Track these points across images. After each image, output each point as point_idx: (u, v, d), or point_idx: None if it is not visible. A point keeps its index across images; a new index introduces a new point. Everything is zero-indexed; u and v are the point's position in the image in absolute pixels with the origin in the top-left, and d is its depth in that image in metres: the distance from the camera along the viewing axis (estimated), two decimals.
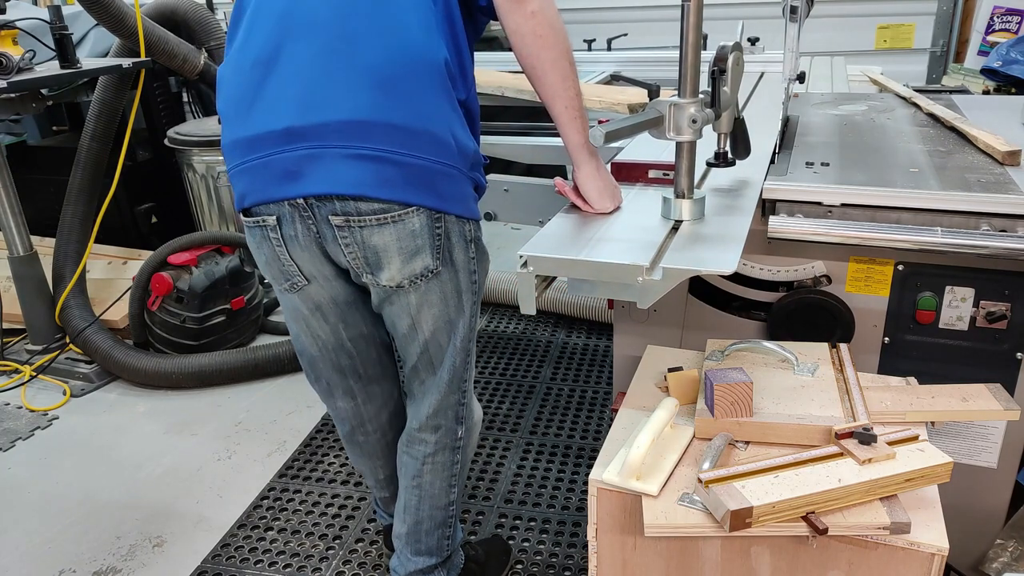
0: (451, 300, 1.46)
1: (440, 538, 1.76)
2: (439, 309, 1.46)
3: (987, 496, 1.71)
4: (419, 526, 1.73)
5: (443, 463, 1.67)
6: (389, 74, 1.24)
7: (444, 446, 1.65)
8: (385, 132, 1.24)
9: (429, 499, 1.71)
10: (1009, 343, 1.59)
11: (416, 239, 1.33)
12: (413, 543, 1.76)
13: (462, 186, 1.35)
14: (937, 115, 2.04)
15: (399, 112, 1.24)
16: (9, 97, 2.83)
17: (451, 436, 1.65)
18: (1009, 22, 3.82)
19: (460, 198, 1.35)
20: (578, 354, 3.15)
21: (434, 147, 1.27)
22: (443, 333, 1.50)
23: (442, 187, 1.31)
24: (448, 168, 1.30)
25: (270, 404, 2.92)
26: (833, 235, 1.51)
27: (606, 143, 1.30)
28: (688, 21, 1.30)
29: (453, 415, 1.63)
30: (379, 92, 1.24)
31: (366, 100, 1.24)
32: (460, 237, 1.40)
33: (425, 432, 1.64)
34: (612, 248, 1.31)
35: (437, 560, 1.78)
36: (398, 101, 1.24)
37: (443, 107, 1.29)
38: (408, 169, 1.25)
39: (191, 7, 3.48)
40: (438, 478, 1.69)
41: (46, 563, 2.18)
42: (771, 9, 4.27)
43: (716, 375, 1.34)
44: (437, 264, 1.39)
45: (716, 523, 1.18)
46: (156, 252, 3.10)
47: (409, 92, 1.24)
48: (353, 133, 1.23)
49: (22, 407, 2.95)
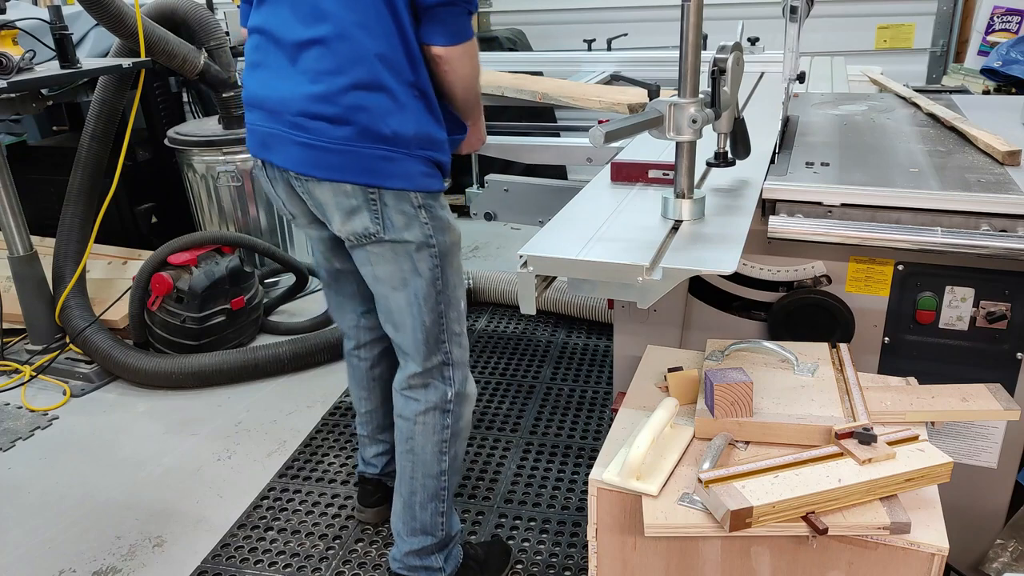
0: (404, 263, 1.64)
1: (433, 514, 1.83)
2: (392, 269, 1.65)
3: (987, 496, 1.71)
4: (413, 497, 1.82)
5: (433, 425, 1.78)
6: (325, 69, 1.48)
7: (434, 406, 1.77)
8: (322, 125, 1.50)
9: (422, 465, 1.80)
10: (1009, 343, 1.59)
11: (351, 199, 1.56)
12: (408, 520, 1.84)
13: (402, 164, 1.54)
14: (937, 115, 2.04)
15: (332, 107, 1.49)
16: (9, 97, 2.83)
17: (440, 397, 1.77)
18: (1009, 22, 3.82)
19: (398, 175, 1.55)
20: (578, 354, 3.15)
21: (367, 136, 1.50)
22: (400, 293, 1.68)
23: (376, 167, 1.53)
24: (384, 151, 1.52)
25: (270, 404, 2.92)
26: (833, 235, 1.51)
27: (606, 143, 1.30)
28: (688, 21, 1.30)
29: (440, 376, 1.76)
30: (317, 87, 1.49)
31: (306, 95, 1.50)
32: (401, 208, 1.58)
33: (416, 390, 1.78)
34: (612, 248, 1.31)
35: (432, 541, 1.84)
36: (332, 96, 1.48)
37: (378, 98, 1.49)
38: (340, 155, 1.51)
39: (191, 7, 3.48)
40: (428, 441, 1.79)
41: (46, 563, 2.18)
42: (771, 9, 4.28)
43: (716, 375, 1.34)
44: (379, 229, 1.59)
45: (716, 523, 1.18)
46: (156, 252, 3.10)
47: (344, 87, 1.48)
48: (296, 124, 1.52)
49: (22, 407, 2.95)
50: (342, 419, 2.79)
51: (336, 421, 2.78)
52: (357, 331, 2.02)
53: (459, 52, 1.54)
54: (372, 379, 2.06)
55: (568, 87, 2.52)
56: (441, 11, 1.48)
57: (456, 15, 1.50)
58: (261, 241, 3.45)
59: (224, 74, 3.53)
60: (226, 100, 3.60)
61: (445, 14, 1.49)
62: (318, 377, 3.09)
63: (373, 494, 2.22)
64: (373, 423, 2.12)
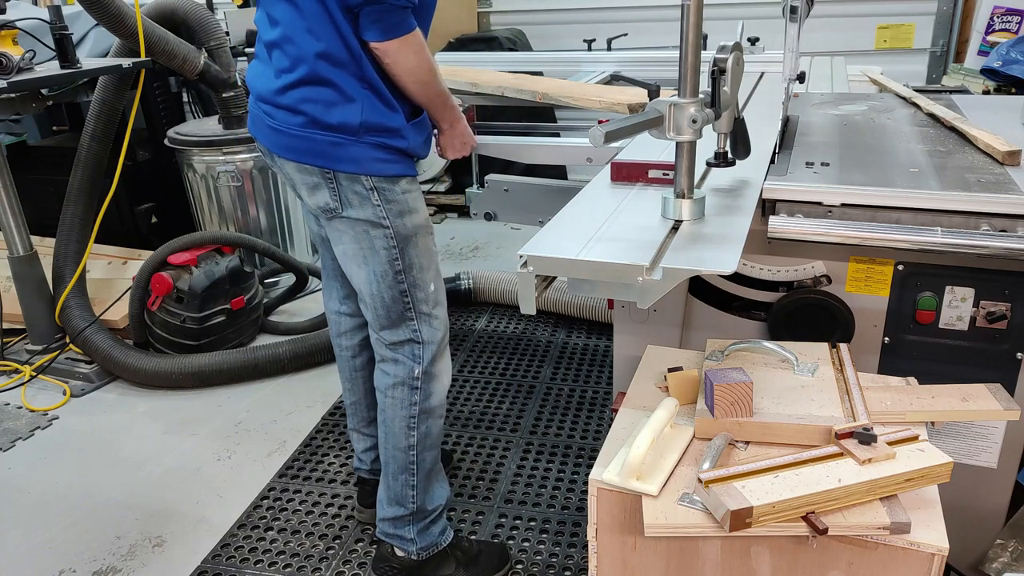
0: (362, 240, 1.75)
1: (404, 486, 1.91)
2: (353, 247, 1.77)
3: (987, 496, 1.71)
4: (387, 467, 1.93)
5: (401, 400, 1.86)
6: (282, 67, 1.65)
7: (401, 381, 1.86)
8: (283, 114, 1.68)
9: (392, 437, 1.89)
10: (1009, 343, 1.59)
11: (311, 176, 1.71)
12: (385, 488, 1.95)
13: (348, 150, 1.66)
14: (937, 115, 2.04)
15: (287, 99, 1.66)
16: (9, 97, 2.83)
17: (407, 373, 1.85)
18: (1009, 22, 3.82)
19: (347, 159, 1.67)
20: (578, 354, 3.15)
21: (317, 124, 1.65)
22: (360, 270, 1.79)
23: (327, 151, 1.67)
24: (333, 137, 1.65)
25: (270, 404, 2.92)
26: (833, 235, 1.51)
27: (606, 143, 1.30)
28: (688, 21, 1.30)
29: (409, 353, 1.84)
30: (279, 82, 1.66)
31: (272, 88, 1.67)
32: (355, 188, 1.70)
33: (385, 363, 1.87)
34: (612, 248, 1.31)
35: (404, 511, 1.93)
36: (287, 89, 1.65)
37: (324, 92, 1.63)
38: (299, 139, 1.67)
39: (191, 7, 3.48)
40: (397, 415, 1.87)
41: (46, 563, 2.18)
42: (771, 9, 4.28)
43: (716, 375, 1.34)
44: (337, 205, 1.72)
45: (716, 523, 1.18)
46: (156, 252, 3.10)
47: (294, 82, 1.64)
48: (268, 112, 1.70)
49: (22, 407, 2.95)
50: (342, 419, 2.79)
51: (336, 421, 2.78)
52: (339, 317, 2.09)
53: (396, 46, 1.61)
54: (354, 369, 2.11)
55: (568, 87, 2.52)
56: (368, 8, 1.57)
57: (384, 11, 1.57)
58: (261, 241, 3.45)
59: (224, 74, 3.53)
60: (226, 100, 3.60)
61: (373, 11, 1.57)
62: (318, 377, 3.09)
63: (372, 494, 2.22)
64: (358, 416, 2.16)
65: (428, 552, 1.95)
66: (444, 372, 1.90)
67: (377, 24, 1.59)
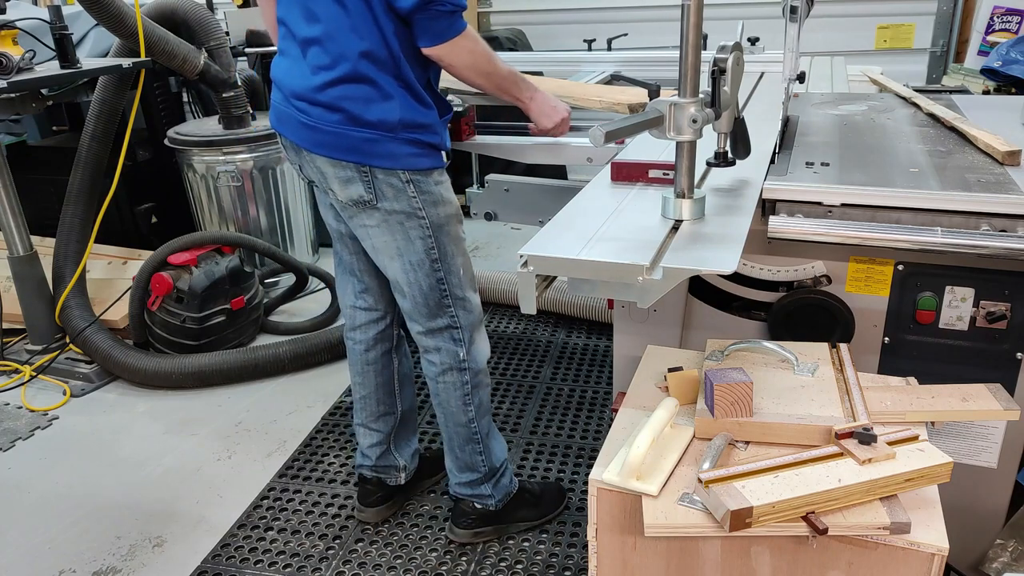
0: (397, 232, 1.80)
1: (472, 453, 2.05)
2: (387, 239, 1.81)
3: (987, 496, 1.71)
4: (452, 442, 2.06)
5: (453, 382, 1.97)
6: (321, 64, 1.67)
7: (449, 366, 1.95)
8: (319, 110, 1.70)
9: (451, 416, 2.01)
10: (1009, 343, 1.59)
11: (345, 170, 1.74)
12: (454, 459, 2.08)
13: (385, 146, 1.71)
14: (937, 115, 2.04)
15: (325, 96, 1.68)
16: (9, 97, 2.83)
17: (453, 357, 1.94)
18: (1009, 22, 3.82)
19: (384, 155, 1.71)
20: (578, 354, 3.15)
21: (355, 121, 1.69)
22: (397, 261, 1.84)
23: (364, 147, 1.71)
24: (370, 134, 1.69)
25: (270, 404, 2.92)
26: (833, 235, 1.51)
27: (606, 143, 1.30)
28: (688, 21, 1.30)
29: (449, 338, 1.93)
30: (316, 79, 1.68)
31: (308, 85, 1.70)
32: (390, 181, 1.74)
33: (430, 354, 1.96)
34: (612, 248, 1.31)
35: (477, 475, 2.08)
36: (326, 87, 1.68)
37: (363, 89, 1.67)
38: (335, 136, 1.71)
39: (191, 7, 3.48)
40: (452, 397, 1.98)
41: (46, 563, 2.18)
42: (771, 9, 4.28)
43: (716, 375, 1.34)
44: (372, 198, 1.76)
45: (716, 523, 1.18)
46: (156, 252, 3.10)
47: (334, 80, 1.67)
48: (301, 108, 1.73)
49: (22, 407, 2.95)
50: (342, 419, 2.79)
51: (336, 421, 2.78)
52: (353, 312, 2.11)
53: (447, 50, 1.68)
54: (366, 363, 2.13)
55: (568, 87, 2.52)
56: (417, 16, 1.62)
57: (432, 18, 1.62)
58: (261, 241, 3.45)
59: (224, 74, 3.53)
60: (226, 100, 3.60)
61: (421, 19, 1.63)
62: (318, 377, 3.09)
63: (373, 494, 2.22)
64: (367, 410, 2.17)
65: (504, 501, 2.13)
66: (484, 346, 2.00)
67: (427, 31, 1.65)
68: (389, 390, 2.16)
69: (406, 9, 1.60)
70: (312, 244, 4.14)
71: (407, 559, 2.12)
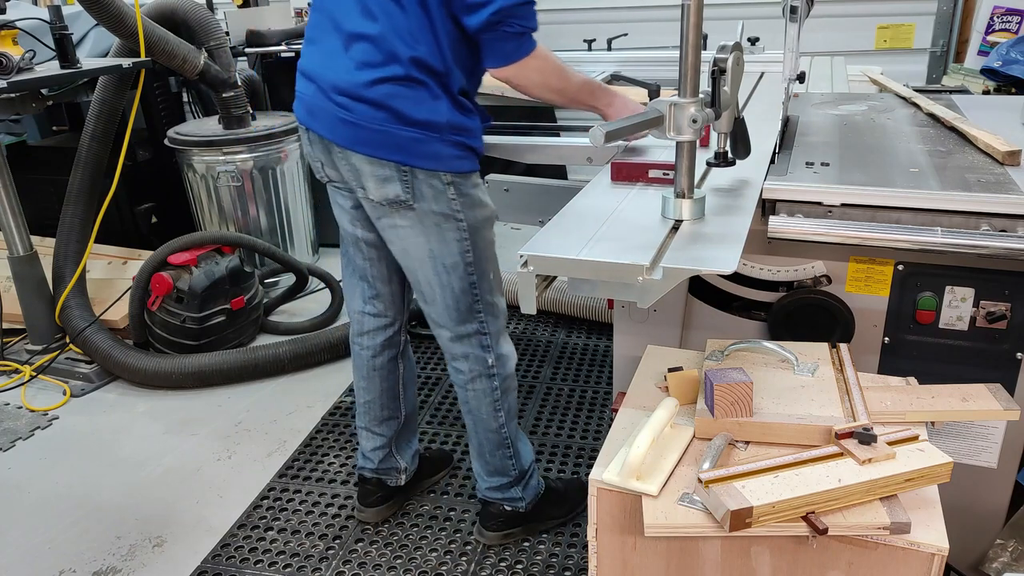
0: (431, 234, 1.76)
1: (503, 459, 2.04)
2: (420, 239, 1.77)
3: (987, 496, 1.71)
4: (481, 447, 2.04)
5: (483, 389, 1.95)
6: (369, 61, 1.64)
7: (478, 374, 1.94)
8: (364, 108, 1.65)
9: (481, 423, 2.00)
10: (1009, 343, 1.59)
11: (384, 169, 1.70)
12: (483, 464, 2.07)
13: (431, 146, 1.68)
14: (937, 115, 2.04)
15: (372, 93, 1.64)
16: (9, 97, 2.83)
17: (482, 364, 1.92)
18: (1009, 22, 3.82)
19: (428, 155, 1.68)
20: (578, 354, 3.15)
21: (401, 120, 1.65)
22: (428, 264, 1.80)
23: (408, 147, 1.67)
24: (416, 133, 1.66)
25: (270, 404, 2.92)
26: (833, 235, 1.51)
27: (606, 143, 1.30)
28: (688, 21, 1.30)
29: (477, 344, 1.90)
30: (362, 75, 1.64)
31: (353, 80, 1.65)
32: (431, 183, 1.71)
33: (457, 361, 1.94)
34: (612, 248, 1.31)
35: (507, 480, 2.07)
36: (373, 84, 1.63)
37: (414, 90, 1.63)
38: (378, 134, 1.66)
39: (191, 7, 3.48)
40: (482, 403, 1.97)
41: (46, 563, 2.18)
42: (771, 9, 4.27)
43: (716, 375, 1.34)
44: (409, 197, 1.72)
45: (716, 523, 1.18)
46: (156, 252, 3.10)
47: (383, 78, 1.63)
48: (342, 103, 1.67)
49: (22, 407, 2.95)
50: (342, 419, 2.79)
51: (336, 421, 2.78)
52: (362, 317, 2.08)
53: (514, 71, 1.66)
54: (372, 369, 2.11)
55: None
56: (484, 36, 1.61)
57: (500, 39, 1.60)
58: (261, 241, 3.45)
59: (224, 74, 3.53)
60: (226, 100, 3.60)
61: (489, 39, 1.61)
62: (318, 377, 3.09)
63: (373, 494, 2.22)
64: (371, 414, 2.16)
65: (533, 501, 2.12)
66: (511, 350, 1.99)
67: (494, 53, 1.63)
68: (394, 395, 2.15)
69: (473, 28, 1.58)
70: (312, 244, 4.14)
71: (407, 559, 2.12)
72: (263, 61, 4.29)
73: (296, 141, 3.80)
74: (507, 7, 1.56)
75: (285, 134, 3.69)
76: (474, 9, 1.56)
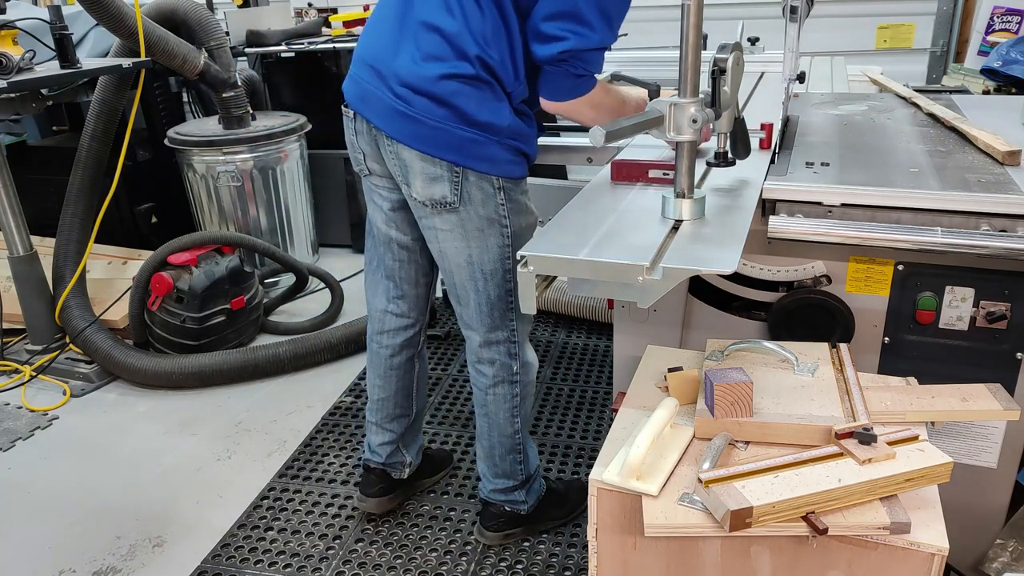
0: (473, 238, 1.74)
1: (512, 463, 2.03)
2: (460, 243, 1.75)
3: (987, 496, 1.71)
4: (492, 451, 2.02)
5: (503, 395, 1.94)
6: (439, 55, 1.60)
7: (502, 379, 1.92)
8: (425, 102, 1.61)
9: (496, 427, 1.98)
10: (1009, 343, 1.59)
11: (436, 168, 1.66)
12: (491, 466, 2.05)
13: (488, 149, 1.65)
14: (937, 115, 2.04)
15: (436, 88, 1.60)
16: (9, 97, 2.83)
17: (506, 371, 1.91)
18: (1009, 22, 3.82)
19: (484, 158, 1.66)
20: (578, 354, 3.15)
21: (462, 119, 1.61)
22: (465, 268, 1.78)
23: (465, 147, 1.64)
24: (475, 134, 1.63)
25: (270, 404, 2.92)
26: (833, 235, 1.51)
27: (606, 143, 1.30)
28: (688, 21, 1.30)
29: (505, 351, 1.89)
30: (428, 68, 1.60)
31: (416, 72, 1.61)
32: (482, 185, 1.69)
33: (483, 365, 1.93)
34: (612, 248, 1.32)
35: (514, 483, 2.06)
36: (439, 79, 1.59)
37: (479, 90, 1.60)
38: (435, 131, 1.62)
39: (191, 7, 3.48)
40: (501, 408, 1.96)
41: (46, 563, 2.18)
42: (771, 9, 4.27)
43: (716, 375, 1.34)
44: (456, 199, 1.69)
45: (716, 523, 1.18)
46: (156, 252, 3.10)
47: (450, 74, 1.59)
48: (401, 94, 1.63)
49: (22, 407, 2.95)
50: (342, 419, 2.79)
51: (336, 421, 2.78)
52: (384, 316, 2.06)
53: (566, 108, 1.66)
54: (390, 368, 2.11)
55: None
56: (547, 68, 1.61)
57: (560, 75, 1.60)
58: (261, 241, 3.45)
59: (224, 74, 3.53)
60: (226, 100, 3.60)
61: (550, 71, 1.61)
62: (318, 377, 3.09)
63: (376, 483, 2.21)
64: (383, 411, 2.15)
65: (535, 504, 2.12)
66: (534, 358, 1.98)
67: (549, 85, 1.63)
68: (408, 393, 2.15)
69: (539, 58, 1.58)
70: (312, 244, 4.14)
71: (407, 559, 2.12)
72: (263, 61, 4.29)
73: (296, 141, 3.80)
74: (578, 49, 1.55)
75: (285, 134, 3.69)
76: (547, 40, 1.56)
